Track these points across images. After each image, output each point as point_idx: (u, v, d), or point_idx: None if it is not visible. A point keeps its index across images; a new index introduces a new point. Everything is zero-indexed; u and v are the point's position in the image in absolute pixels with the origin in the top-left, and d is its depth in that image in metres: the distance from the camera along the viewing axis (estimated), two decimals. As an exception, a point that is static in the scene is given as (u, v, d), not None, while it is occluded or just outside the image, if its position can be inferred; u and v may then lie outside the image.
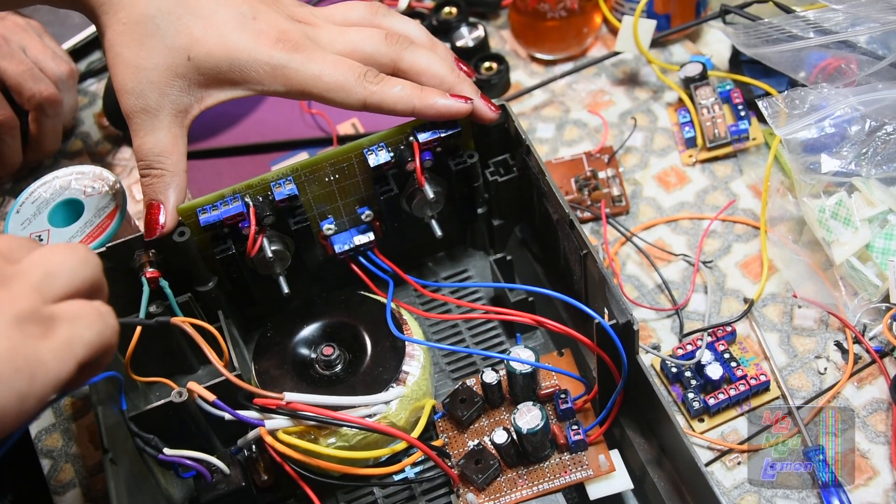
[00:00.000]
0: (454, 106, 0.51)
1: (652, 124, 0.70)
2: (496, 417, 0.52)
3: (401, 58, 0.52)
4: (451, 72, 0.53)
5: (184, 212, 0.51)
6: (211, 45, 0.49)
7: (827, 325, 0.58)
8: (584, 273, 0.51)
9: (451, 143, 0.54)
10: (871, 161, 0.58)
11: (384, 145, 0.53)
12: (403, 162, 0.53)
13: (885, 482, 0.51)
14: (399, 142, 0.54)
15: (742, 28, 0.65)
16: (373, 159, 0.53)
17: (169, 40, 0.49)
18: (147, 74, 0.49)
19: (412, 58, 0.52)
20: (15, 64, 0.67)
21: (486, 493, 0.49)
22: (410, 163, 0.53)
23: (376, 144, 0.53)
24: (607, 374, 0.49)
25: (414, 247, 0.60)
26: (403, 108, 0.51)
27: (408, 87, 0.51)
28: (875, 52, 0.61)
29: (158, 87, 0.49)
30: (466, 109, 0.52)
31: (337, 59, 0.51)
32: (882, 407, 0.54)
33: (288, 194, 0.52)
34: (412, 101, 0.51)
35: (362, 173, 0.54)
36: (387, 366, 0.51)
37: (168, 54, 0.49)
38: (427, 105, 0.51)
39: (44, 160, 0.74)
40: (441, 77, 0.52)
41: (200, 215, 0.51)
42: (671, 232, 0.64)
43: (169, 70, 0.49)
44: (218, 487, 0.50)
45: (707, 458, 0.54)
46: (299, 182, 0.53)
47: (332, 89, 0.50)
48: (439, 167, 0.55)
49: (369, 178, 0.55)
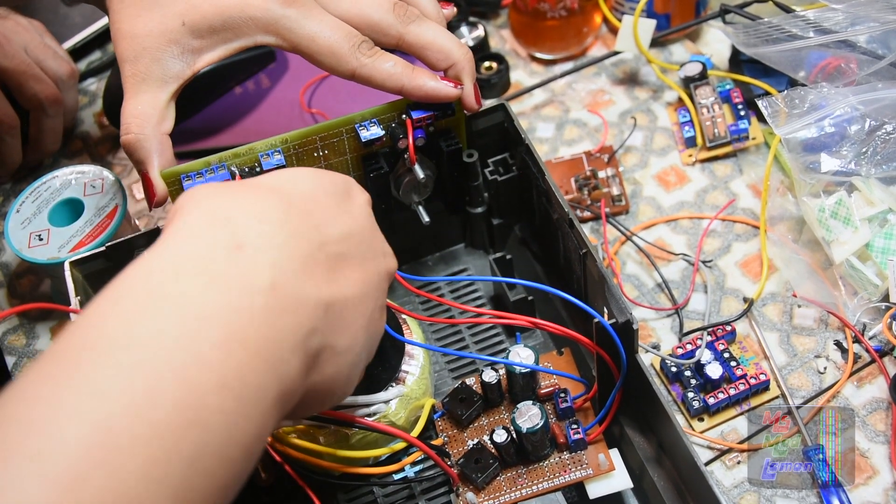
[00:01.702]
0: (443, 89, 0.50)
1: (652, 124, 0.70)
2: (496, 416, 0.52)
3: (407, 30, 0.51)
4: (459, 48, 0.51)
5: (167, 177, 0.50)
6: (206, 7, 0.49)
7: (826, 325, 0.58)
8: (583, 272, 0.51)
9: (443, 125, 0.54)
10: (871, 160, 0.58)
11: (376, 121, 0.52)
12: (395, 139, 0.52)
13: (884, 481, 0.51)
14: (392, 119, 0.53)
15: (742, 27, 0.65)
16: (364, 134, 0.52)
17: (166, 8, 0.49)
18: (141, 41, 0.49)
19: (419, 31, 0.51)
20: (16, 63, 0.67)
21: (485, 492, 0.49)
22: (402, 140, 0.52)
23: (368, 120, 0.52)
24: (607, 373, 0.49)
25: (411, 244, 0.60)
26: (392, 86, 0.50)
27: (399, 65, 0.50)
28: (875, 52, 0.61)
29: (151, 53, 0.49)
30: (455, 94, 0.51)
31: (336, 22, 0.50)
32: (882, 406, 0.54)
33: (276, 165, 0.50)
34: (401, 80, 0.50)
35: (353, 150, 0.53)
36: (386, 365, 0.51)
37: (163, 21, 0.49)
38: (416, 86, 0.50)
39: (44, 160, 0.74)
40: (447, 52, 0.51)
41: (184, 182, 0.50)
42: (671, 231, 0.64)
43: (162, 36, 0.49)
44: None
45: (707, 457, 0.54)
46: (288, 155, 0.51)
47: (324, 53, 0.49)
48: (430, 150, 0.54)
49: (359, 157, 0.54)
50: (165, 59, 0.49)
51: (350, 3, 0.51)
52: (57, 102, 0.69)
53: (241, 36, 0.49)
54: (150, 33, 0.49)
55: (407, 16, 0.51)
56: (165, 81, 0.49)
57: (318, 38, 0.49)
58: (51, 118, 0.70)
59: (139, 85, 0.49)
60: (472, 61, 0.52)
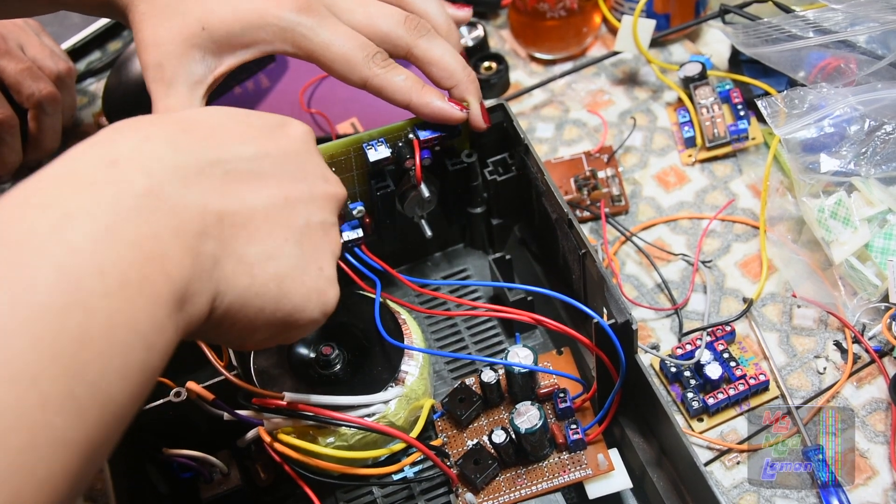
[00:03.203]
0: (448, 111, 0.51)
1: (651, 124, 0.70)
2: (495, 416, 0.52)
3: (416, 44, 0.52)
4: (464, 69, 0.52)
5: None
6: (224, 12, 0.50)
7: (826, 325, 0.58)
8: (583, 273, 0.51)
9: (449, 144, 0.54)
10: (871, 161, 0.58)
11: (383, 140, 0.53)
12: (402, 159, 0.53)
13: (884, 482, 0.51)
14: (398, 138, 0.54)
15: (741, 28, 0.65)
16: (372, 154, 0.52)
17: (187, 15, 0.50)
18: (164, 48, 0.50)
19: (427, 46, 0.52)
20: (14, 63, 0.67)
21: (484, 493, 0.49)
22: (409, 160, 0.53)
23: (376, 139, 0.53)
24: (606, 373, 0.49)
25: (412, 246, 0.60)
26: (401, 99, 0.51)
27: (410, 80, 0.51)
28: (874, 52, 0.61)
29: (175, 58, 0.50)
30: (460, 117, 0.52)
31: (350, 31, 0.51)
32: (881, 406, 0.54)
33: None
34: (410, 95, 0.51)
35: (359, 168, 0.54)
36: (386, 365, 0.51)
37: (184, 27, 0.49)
38: (423, 103, 0.51)
39: (43, 159, 0.74)
40: (451, 71, 0.52)
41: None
42: (670, 231, 0.64)
43: (185, 42, 0.50)
44: (217, 487, 0.50)
45: (706, 457, 0.54)
46: None
47: (338, 61, 0.50)
48: (435, 167, 0.55)
49: (365, 174, 0.54)
50: (189, 63, 0.50)
51: (362, 15, 0.52)
52: (55, 101, 0.69)
53: (259, 42, 0.50)
54: (173, 39, 0.50)
55: (417, 30, 0.52)
56: (192, 85, 0.51)
57: (332, 47, 0.50)
58: (49, 117, 0.70)
59: (167, 89, 0.50)
60: (475, 82, 0.53)
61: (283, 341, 0.41)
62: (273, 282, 0.38)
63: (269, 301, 0.38)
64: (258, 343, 0.40)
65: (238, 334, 0.38)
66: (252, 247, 0.37)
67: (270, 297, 0.38)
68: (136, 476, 0.50)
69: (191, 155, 0.36)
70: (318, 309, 0.40)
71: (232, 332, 0.38)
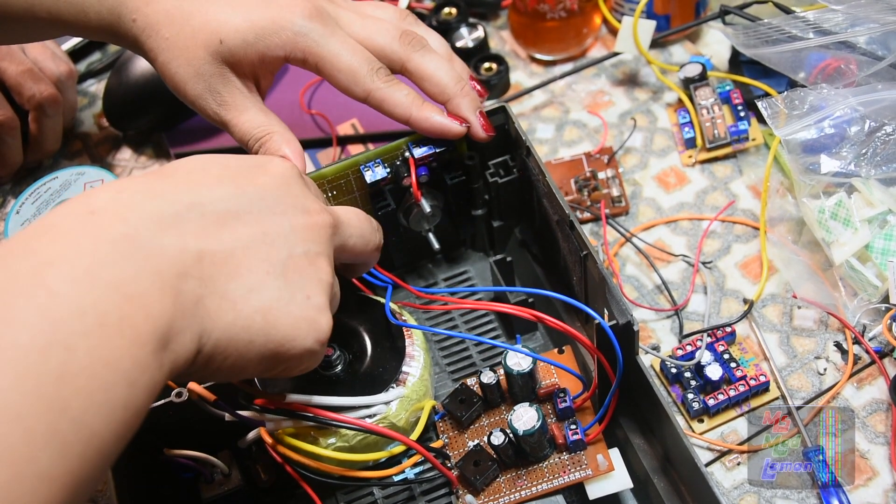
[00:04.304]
0: (447, 125, 0.52)
1: (651, 125, 0.70)
2: (496, 417, 0.52)
3: (409, 58, 0.52)
4: (456, 84, 0.52)
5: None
6: (238, 21, 0.50)
7: (826, 326, 0.58)
8: (584, 274, 0.51)
9: (446, 158, 0.55)
10: (871, 161, 0.58)
11: (380, 161, 0.54)
12: (400, 177, 0.54)
13: (884, 482, 0.51)
14: (395, 157, 0.54)
15: (741, 29, 0.65)
16: (369, 175, 0.53)
17: (205, 33, 0.50)
18: (204, 78, 0.50)
19: (420, 60, 0.52)
20: (15, 64, 0.67)
21: (484, 494, 0.49)
22: (406, 178, 0.53)
23: (372, 161, 0.54)
24: (607, 373, 0.49)
25: (412, 246, 0.60)
26: (400, 114, 0.51)
27: (411, 96, 0.51)
28: (875, 53, 0.61)
29: (219, 79, 0.50)
30: (459, 132, 0.52)
31: (356, 44, 0.51)
32: (881, 407, 0.54)
33: None
34: (410, 110, 0.51)
35: (360, 189, 0.55)
36: (387, 366, 0.51)
37: (208, 46, 0.50)
38: (423, 117, 0.51)
39: (44, 160, 0.74)
40: (443, 86, 0.52)
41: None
42: (671, 232, 0.64)
43: (215, 62, 0.50)
44: (218, 488, 0.50)
45: (707, 458, 0.54)
46: None
47: (345, 72, 0.50)
48: (436, 181, 0.55)
49: (366, 195, 0.55)
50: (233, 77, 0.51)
51: (360, 27, 0.52)
52: (56, 102, 0.69)
53: (273, 49, 0.50)
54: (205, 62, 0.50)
55: (412, 45, 0.52)
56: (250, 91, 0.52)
57: (341, 57, 0.50)
58: (50, 118, 0.70)
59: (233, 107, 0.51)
60: (469, 96, 0.53)
61: (284, 374, 0.42)
62: (258, 314, 0.38)
63: (257, 333, 0.38)
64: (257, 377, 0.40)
65: (231, 369, 0.39)
66: (234, 282, 0.38)
67: (257, 329, 0.38)
68: (137, 476, 0.50)
69: (166, 200, 0.37)
70: (311, 337, 0.40)
71: (225, 367, 0.38)
